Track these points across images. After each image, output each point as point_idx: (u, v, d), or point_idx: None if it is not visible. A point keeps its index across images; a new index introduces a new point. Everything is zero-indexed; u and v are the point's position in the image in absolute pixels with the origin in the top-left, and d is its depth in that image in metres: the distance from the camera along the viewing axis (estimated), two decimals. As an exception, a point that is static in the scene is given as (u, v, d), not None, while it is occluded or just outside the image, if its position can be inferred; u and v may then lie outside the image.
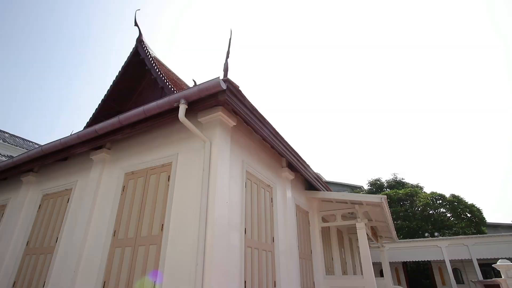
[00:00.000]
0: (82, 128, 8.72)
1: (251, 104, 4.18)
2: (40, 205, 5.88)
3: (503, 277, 9.20)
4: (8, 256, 5.70)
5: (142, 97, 9.10)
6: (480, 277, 13.36)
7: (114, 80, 8.80)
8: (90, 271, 4.35)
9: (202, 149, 4.09)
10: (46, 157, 5.55)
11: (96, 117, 8.73)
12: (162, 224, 3.97)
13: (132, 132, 4.58)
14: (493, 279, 11.28)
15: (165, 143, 4.67)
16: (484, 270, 15.79)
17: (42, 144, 6.62)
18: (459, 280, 14.99)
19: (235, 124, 4.38)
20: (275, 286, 4.80)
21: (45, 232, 5.44)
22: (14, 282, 5.27)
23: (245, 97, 4.01)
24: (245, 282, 3.96)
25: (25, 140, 17.58)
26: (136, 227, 4.22)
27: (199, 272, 3.26)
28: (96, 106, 9.01)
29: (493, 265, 9.98)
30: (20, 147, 15.54)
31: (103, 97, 8.90)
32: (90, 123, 8.84)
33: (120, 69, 8.76)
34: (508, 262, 9.30)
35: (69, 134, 5.06)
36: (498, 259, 11.22)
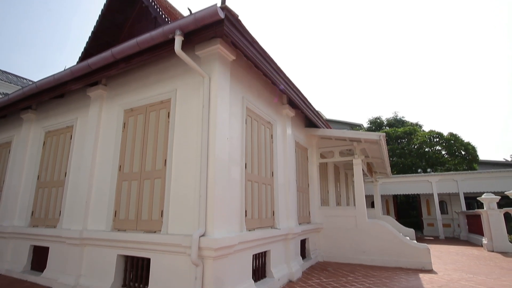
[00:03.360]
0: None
1: (252, 36, 3.90)
2: (44, 142, 5.99)
3: (485, 209, 9.90)
4: (22, 189, 6.04)
5: (134, 28, 8.48)
6: (464, 209, 14.39)
7: (102, 9, 8.09)
8: (101, 201, 4.64)
9: (201, 85, 3.97)
10: (42, 94, 5.44)
11: (88, 51, 8.27)
12: (165, 159, 4.09)
13: (127, 67, 4.38)
14: (475, 210, 12.17)
15: (163, 79, 4.51)
16: (469, 203, 16.93)
17: (36, 80, 6.41)
18: (444, 211, 16.16)
19: (234, 58, 4.17)
20: (273, 215, 5.18)
21: (53, 167, 5.65)
22: (32, 212, 5.68)
23: (245, 28, 3.73)
24: (245, 211, 4.26)
25: (19, 77, 17.05)
26: (140, 162, 4.36)
27: (202, 202, 3.47)
28: (87, 40, 8.47)
29: (477, 198, 10.63)
30: (14, 84, 15.17)
31: (92, 29, 8.31)
32: (82, 58, 8.43)
33: (107, -4, 7.98)
34: (492, 196, 9.88)
35: (63, 70, 4.86)
36: (483, 193, 11.93)
